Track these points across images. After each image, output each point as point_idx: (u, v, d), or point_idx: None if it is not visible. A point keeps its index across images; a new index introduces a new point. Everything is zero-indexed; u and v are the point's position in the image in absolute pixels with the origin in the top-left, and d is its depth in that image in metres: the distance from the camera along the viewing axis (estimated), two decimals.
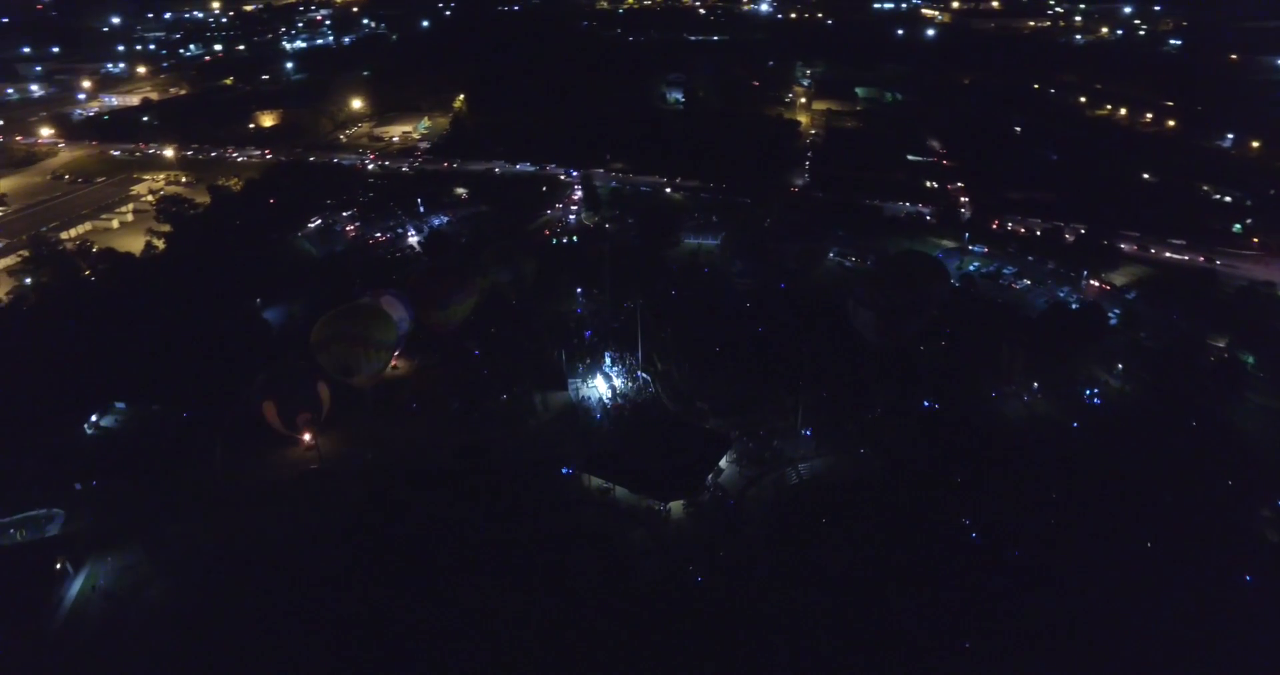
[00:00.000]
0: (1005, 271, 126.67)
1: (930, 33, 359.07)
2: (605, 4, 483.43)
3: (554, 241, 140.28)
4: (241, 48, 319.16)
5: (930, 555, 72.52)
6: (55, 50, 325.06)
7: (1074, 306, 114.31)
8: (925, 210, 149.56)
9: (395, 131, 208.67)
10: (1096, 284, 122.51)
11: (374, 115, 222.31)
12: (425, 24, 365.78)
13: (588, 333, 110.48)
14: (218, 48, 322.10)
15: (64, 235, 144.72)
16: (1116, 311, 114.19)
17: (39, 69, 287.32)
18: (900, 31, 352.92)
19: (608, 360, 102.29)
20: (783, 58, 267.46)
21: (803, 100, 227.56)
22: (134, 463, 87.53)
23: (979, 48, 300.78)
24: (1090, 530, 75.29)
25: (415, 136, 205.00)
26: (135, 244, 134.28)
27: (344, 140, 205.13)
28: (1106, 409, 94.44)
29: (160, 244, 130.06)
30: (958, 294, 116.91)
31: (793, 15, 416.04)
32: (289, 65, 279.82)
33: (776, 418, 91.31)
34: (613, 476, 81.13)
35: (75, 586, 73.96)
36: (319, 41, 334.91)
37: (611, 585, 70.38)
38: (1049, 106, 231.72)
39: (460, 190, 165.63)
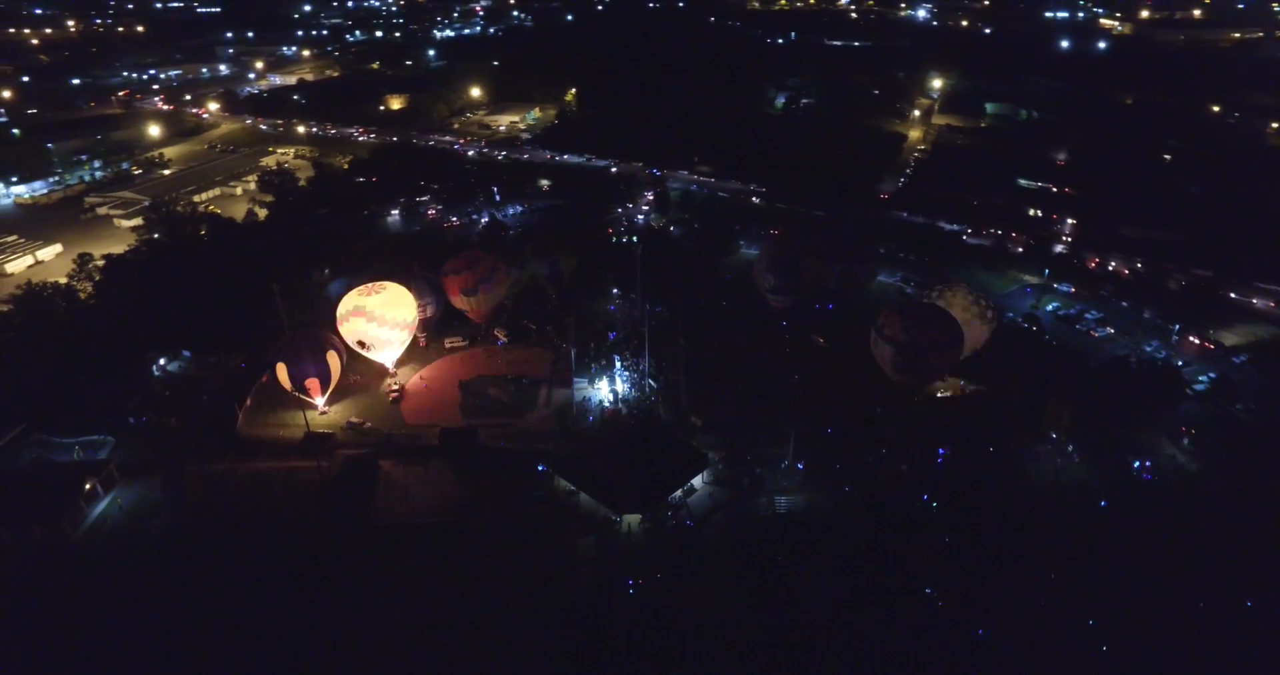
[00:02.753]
0: (1087, 315, 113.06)
1: (1101, 45, 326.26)
2: (757, 4, 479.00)
3: (613, 239, 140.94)
4: (397, 35, 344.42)
5: (882, 617, 66.64)
6: (250, 34, 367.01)
7: (1157, 363, 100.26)
8: (1015, 240, 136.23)
9: (504, 120, 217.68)
10: (1197, 341, 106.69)
11: (489, 103, 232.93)
12: (569, 18, 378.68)
13: (612, 334, 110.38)
14: (378, 34, 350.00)
15: (195, 198, 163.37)
16: (1211, 375, 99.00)
17: (231, 51, 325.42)
18: (1065, 43, 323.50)
19: (618, 363, 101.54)
20: (918, 67, 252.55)
21: (917, 113, 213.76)
22: (179, 405, 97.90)
23: (1158, 63, 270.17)
24: (1085, 628, 66.00)
25: (520, 126, 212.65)
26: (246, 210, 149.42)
27: (456, 126, 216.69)
28: (1157, 488, 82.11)
29: (261, 212, 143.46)
30: (1018, 335, 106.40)
31: (949, 23, 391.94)
32: (431, 52, 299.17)
33: (769, 445, 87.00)
34: (578, 481, 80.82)
35: (100, 506, 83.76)
36: (466, 31, 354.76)
37: (542, 588, 70.38)
38: (1223, 133, 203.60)
39: (544, 182, 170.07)
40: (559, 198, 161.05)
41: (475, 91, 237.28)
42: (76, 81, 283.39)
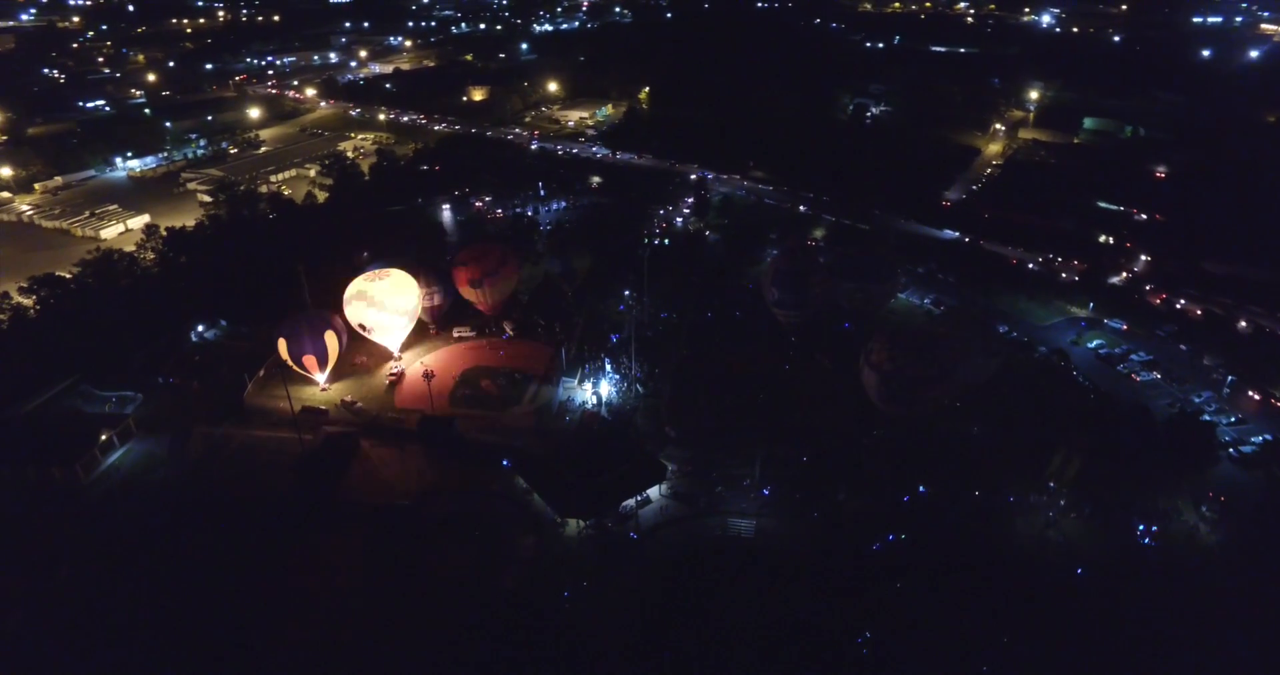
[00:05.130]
0: (1133, 357, 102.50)
1: (1254, 55, 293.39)
2: (869, 6, 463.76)
3: (645, 240, 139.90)
4: (499, 27, 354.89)
5: (801, 656, 63.20)
6: (366, 24, 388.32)
7: (1204, 418, 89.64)
8: (1074, 268, 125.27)
9: (574, 116, 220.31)
10: (1257, 396, 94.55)
11: (564, 98, 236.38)
12: (669, 15, 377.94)
13: (614, 336, 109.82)
14: (481, 26, 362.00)
15: (272, 178, 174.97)
16: (1265, 437, 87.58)
17: (344, 40, 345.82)
18: (1207, 52, 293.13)
19: (608, 367, 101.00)
20: (1018, 77, 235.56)
21: (999, 127, 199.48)
22: (204, 370, 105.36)
23: None
24: None
25: (589, 122, 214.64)
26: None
27: (528, 119, 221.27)
28: (1159, 557, 73.40)
29: (321, 195, 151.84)
30: (1042, 371, 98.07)
31: (1074, 29, 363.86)
32: (524, 46, 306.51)
33: (737, 464, 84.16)
34: (532, 479, 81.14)
35: (114, 457, 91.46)
36: (564, 25, 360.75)
37: (473, 580, 71.22)
38: None
39: (595, 178, 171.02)
40: (604, 196, 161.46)
41: (552, 86, 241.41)
42: (209, 66, 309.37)
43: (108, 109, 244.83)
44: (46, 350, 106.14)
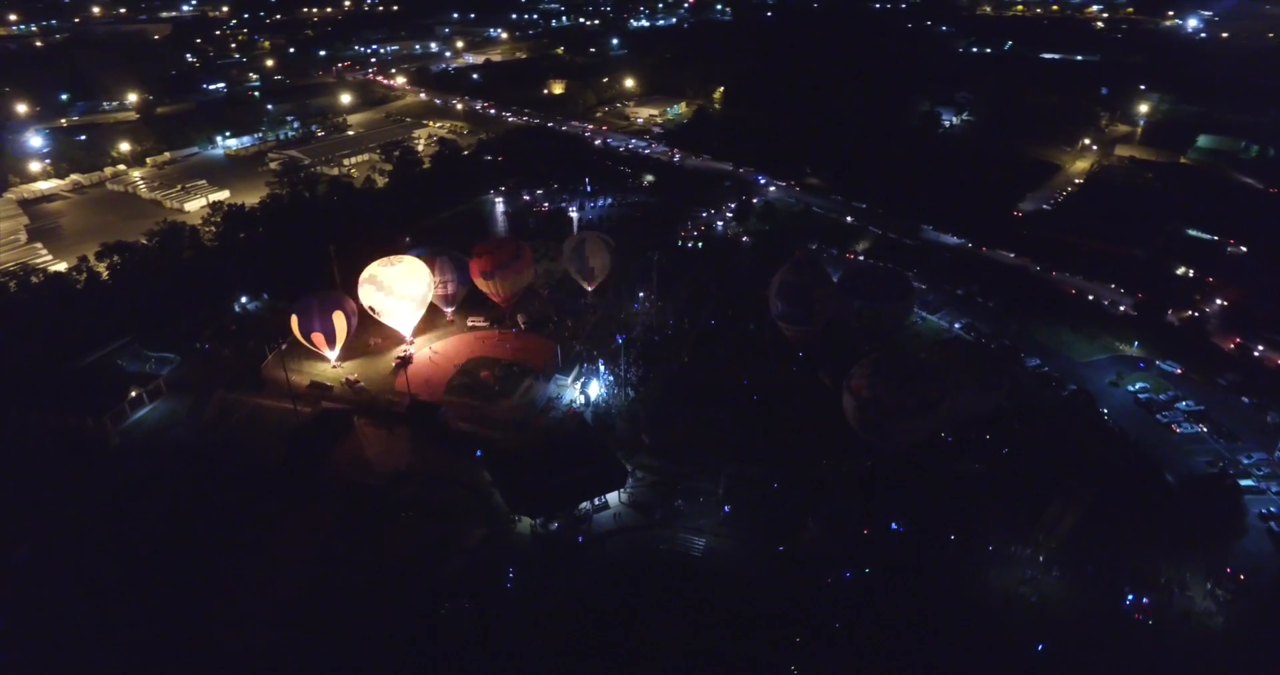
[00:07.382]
0: (1179, 406, 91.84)
1: None
2: (988, 9, 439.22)
3: (678, 243, 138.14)
4: (596, 22, 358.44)
5: None
6: (472, 16, 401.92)
7: (1247, 482, 79.39)
8: (1138, 301, 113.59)
9: (644, 113, 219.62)
10: None
11: (640, 95, 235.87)
12: (769, 14, 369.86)
13: (620, 337, 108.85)
14: (581, 20, 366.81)
15: (346, 161, 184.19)
16: None
17: (448, 30, 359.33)
18: None
19: (603, 367, 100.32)
20: (1133, 87, 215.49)
21: (1087, 142, 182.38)
22: (238, 339, 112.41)
23: None
24: None
25: (658, 120, 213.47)
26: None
27: (599, 114, 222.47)
28: (1147, 636, 65.47)
29: (380, 180, 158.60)
30: (1058, 412, 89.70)
31: (1223, 35, 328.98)
32: (615, 41, 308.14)
33: (704, 479, 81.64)
34: (495, 473, 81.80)
35: (141, 412, 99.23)
36: (660, 22, 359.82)
37: (416, 567, 72.71)
38: None
39: (648, 177, 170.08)
40: (652, 195, 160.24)
41: (629, 82, 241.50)
42: (322, 53, 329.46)
43: (224, 91, 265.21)
44: (112, 310, 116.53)
